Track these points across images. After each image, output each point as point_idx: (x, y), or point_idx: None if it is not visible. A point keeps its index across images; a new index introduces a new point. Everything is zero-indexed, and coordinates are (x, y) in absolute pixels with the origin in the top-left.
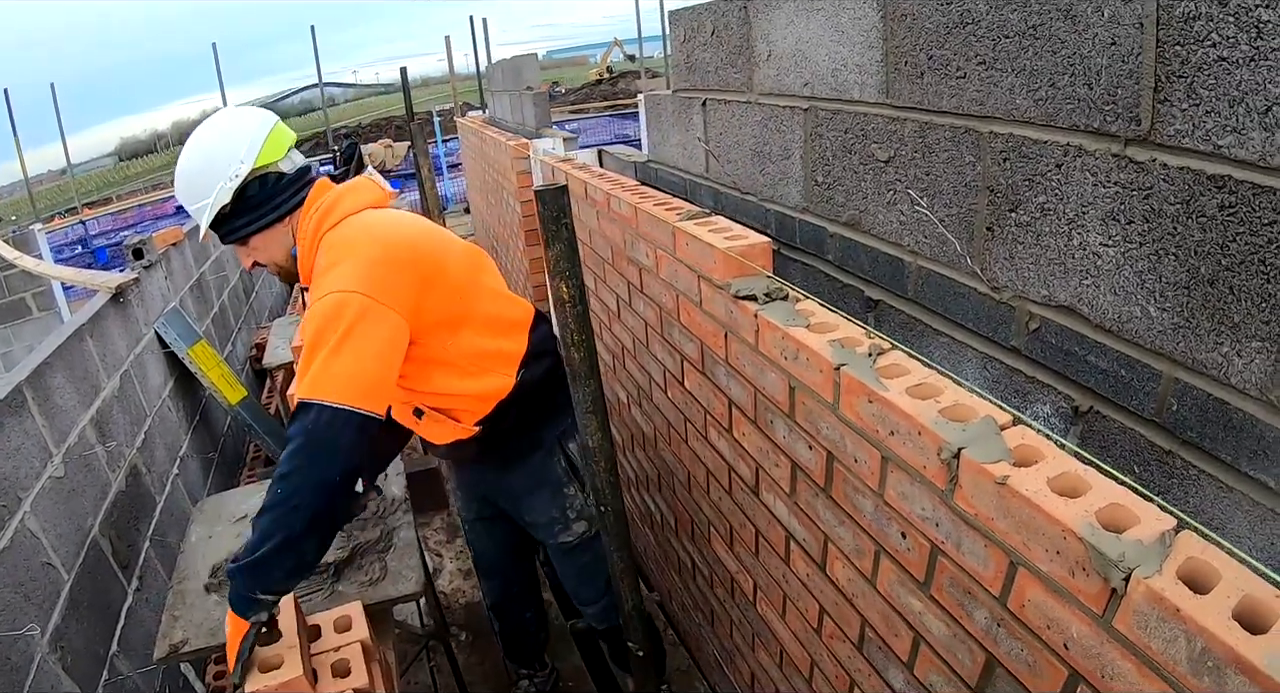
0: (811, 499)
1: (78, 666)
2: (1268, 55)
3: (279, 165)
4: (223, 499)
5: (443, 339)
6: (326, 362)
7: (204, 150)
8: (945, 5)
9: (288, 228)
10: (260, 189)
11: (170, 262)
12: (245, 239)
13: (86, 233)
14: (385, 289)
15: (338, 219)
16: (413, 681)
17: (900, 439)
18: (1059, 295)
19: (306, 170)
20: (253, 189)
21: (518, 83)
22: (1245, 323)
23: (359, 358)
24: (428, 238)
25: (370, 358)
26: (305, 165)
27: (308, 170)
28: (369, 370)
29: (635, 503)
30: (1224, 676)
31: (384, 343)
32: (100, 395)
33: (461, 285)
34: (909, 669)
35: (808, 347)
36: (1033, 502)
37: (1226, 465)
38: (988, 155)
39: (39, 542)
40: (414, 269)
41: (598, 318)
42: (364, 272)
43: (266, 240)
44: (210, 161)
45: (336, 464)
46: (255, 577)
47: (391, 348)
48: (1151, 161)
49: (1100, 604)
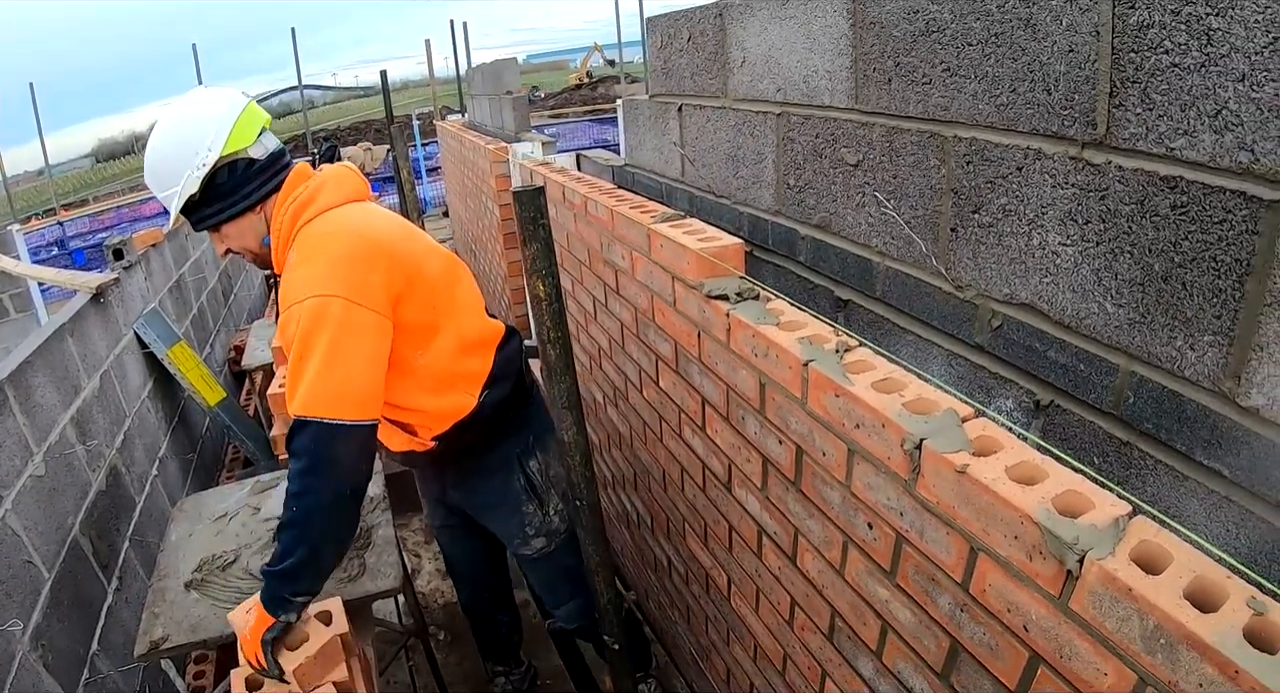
0: (782, 493)
1: (59, 664)
2: (1217, 61)
3: (249, 151)
4: (201, 499)
5: (412, 349)
6: (320, 375)
7: (170, 137)
8: (912, 14)
9: (260, 216)
10: (230, 177)
11: (150, 263)
12: (217, 227)
13: (64, 234)
14: (364, 290)
15: (316, 212)
16: (392, 679)
17: (866, 432)
18: (1020, 293)
19: (280, 155)
20: (222, 177)
21: (497, 87)
22: (1197, 318)
23: (349, 367)
24: (407, 240)
25: (360, 365)
26: (279, 150)
27: (281, 155)
28: (361, 380)
29: (613, 503)
30: (1176, 652)
31: (371, 346)
32: (80, 395)
33: (437, 293)
34: (878, 657)
35: (777, 344)
36: (991, 489)
37: (1181, 455)
38: (952, 159)
39: (20, 540)
40: (392, 271)
41: (575, 319)
42: (342, 272)
43: (239, 228)
44: (177, 149)
45: (346, 479)
46: (288, 584)
47: (380, 350)
48: (1107, 164)
49: (1057, 586)
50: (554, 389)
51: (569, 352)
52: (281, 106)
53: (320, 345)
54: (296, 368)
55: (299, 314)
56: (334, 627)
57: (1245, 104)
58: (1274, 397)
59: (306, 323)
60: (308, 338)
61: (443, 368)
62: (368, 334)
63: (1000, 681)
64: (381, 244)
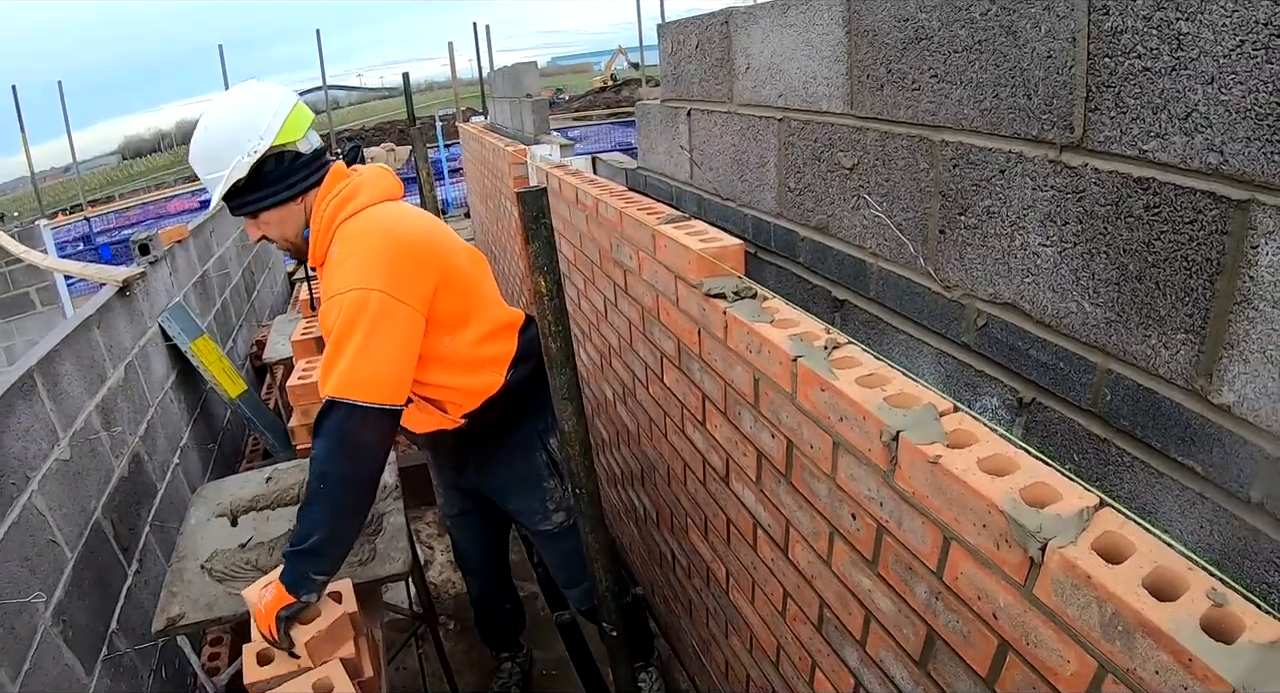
0: (775, 486)
1: (78, 640)
2: (1187, 65)
3: (297, 145)
4: (221, 485)
5: (446, 336)
6: (354, 361)
7: (225, 121)
8: (902, 22)
9: (301, 207)
10: (276, 166)
11: (175, 258)
12: (256, 213)
13: (90, 230)
14: (403, 285)
15: (356, 209)
16: (401, 666)
17: (848, 425)
18: (1004, 293)
19: (322, 153)
20: (269, 165)
21: (518, 90)
22: (1170, 316)
23: (384, 355)
24: (440, 237)
25: (394, 353)
26: (321, 148)
27: (323, 153)
28: (393, 367)
29: (620, 499)
30: (1133, 639)
31: (404, 338)
32: (106, 384)
33: (468, 285)
34: (862, 647)
35: (769, 341)
36: (961, 479)
37: (1157, 452)
38: (939, 162)
39: (45, 520)
40: (429, 266)
41: (587, 318)
42: (384, 267)
43: (279, 216)
44: (231, 134)
45: (370, 460)
46: (310, 563)
47: (412, 342)
48: (1084, 166)
49: (1022, 574)
50: (555, 380)
51: (570, 344)
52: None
53: (358, 334)
54: (333, 354)
55: (340, 304)
56: (344, 606)
57: (1214, 106)
58: (1244, 394)
59: (347, 312)
60: (347, 327)
61: (474, 351)
62: (401, 326)
63: (973, 668)
64: (418, 242)
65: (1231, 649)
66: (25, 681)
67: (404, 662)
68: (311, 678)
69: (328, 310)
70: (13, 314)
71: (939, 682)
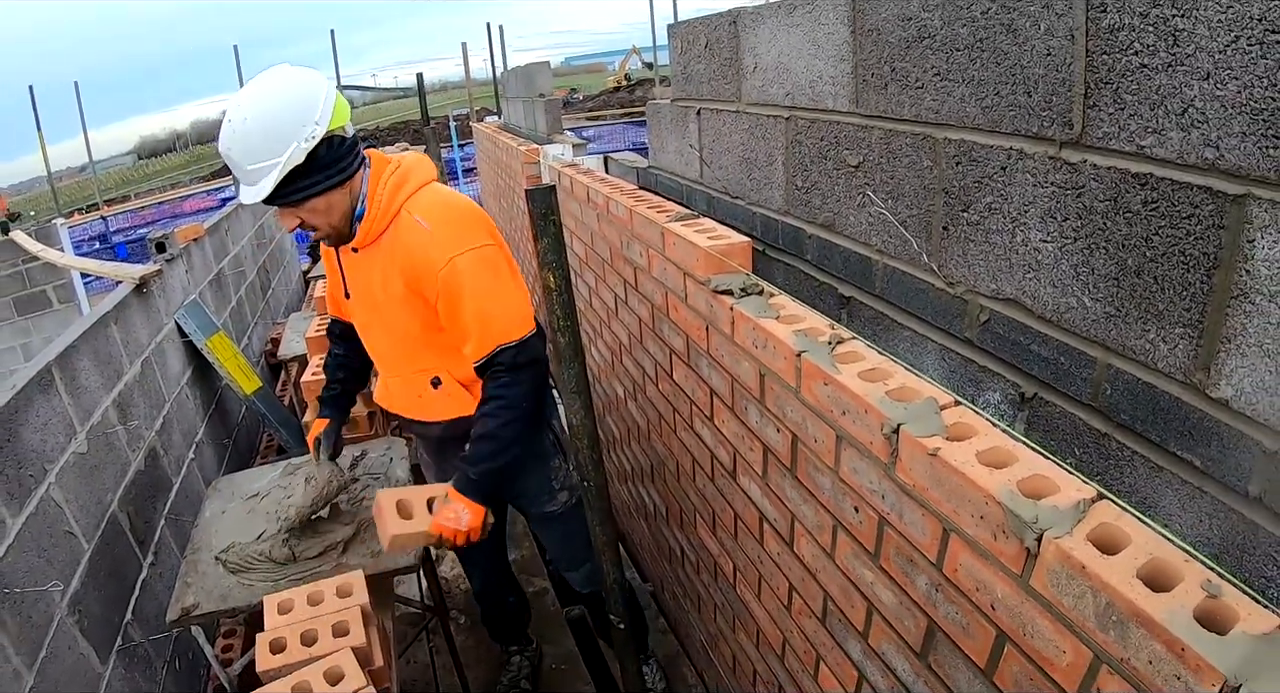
0: (780, 479)
1: (94, 630)
2: (1183, 61)
3: (345, 128)
4: (235, 479)
5: None
6: (503, 307)
7: (277, 108)
8: (905, 21)
9: (348, 191)
10: (328, 151)
11: (191, 256)
12: (303, 201)
13: (107, 229)
14: (497, 234)
15: (415, 187)
16: (412, 659)
17: (851, 418)
18: (1005, 289)
19: (357, 137)
20: (321, 150)
21: (530, 90)
22: (1168, 310)
23: (515, 294)
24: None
25: (518, 290)
26: (356, 132)
27: (357, 137)
28: (525, 300)
29: (631, 495)
30: (1127, 629)
31: (516, 273)
32: (122, 379)
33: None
34: (865, 639)
35: (774, 336)
36: (960, 471)
37: (1156, 446)
38: (942, 160)
39: (62, 511)
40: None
41: (599, 316)
42: (479, 226)
43: (329, 202)
44: (285, 119)
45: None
46: (494, 474)
47: (518, 274)
48: (1083, 162)
49: (1019, 565)
50: (564, 374)
51: (578, 338)
52: None
53: (493, 285)
54: (484, 306)
55: (461, 267)
56: (354, 598)
57: (1210, 101)
58: (1241, 388)
59: (474, 269)
60: (485, 280)
61: None
62: (512, 266)
63: (972, 660)
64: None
65: (1225, 640)
66: (42, 668)
67: (415, 655)
68: (323, 667)
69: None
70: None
71: (939, 674)
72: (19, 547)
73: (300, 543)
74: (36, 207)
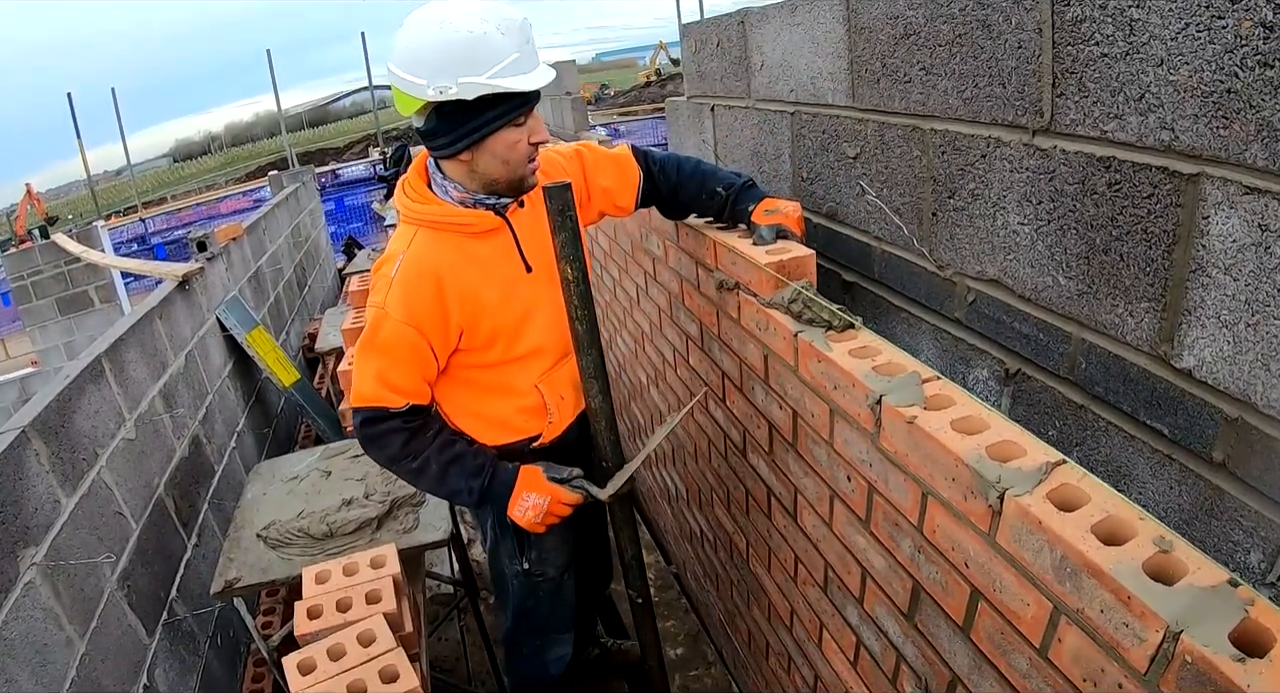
0: (784, 455)
1: (141, 604)
2: (1139, 49)
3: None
4: (276, 463)
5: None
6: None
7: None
8: (893, 19)
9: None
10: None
11: (230, 255)
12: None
13: (145, 230)
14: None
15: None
16: (443, 637)
17: (841, 392)
18: (989, 270)
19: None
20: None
21: (558, 88)
22: (1134, 286)
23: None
24: None
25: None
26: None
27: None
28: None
29: (655, 480)
30: (1080, 580)
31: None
32: (168, 371)
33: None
34: (861, 604)
35: (774, 318)
36: (934, 437)
37: (1128, 416)
38: (930, 149)
39: (111, 493)
40: None
41: (622, 306)
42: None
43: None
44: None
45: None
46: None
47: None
48: (1054, 148)
49: (986, 523)
50: (582, 361)
51: (595, 326)
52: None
53: None
54: None
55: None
56: (387, 568)
57: (1164, 87)
58: (1203, 358)
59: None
60: None
61: None
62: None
63: (951, 618)
64: None
65: (1171, 591)
66: (92, 637)
67: (446, 633)
68: (356, 630)
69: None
70: (73, 312)
71: (924, 633)
72: (73, 524)
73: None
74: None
